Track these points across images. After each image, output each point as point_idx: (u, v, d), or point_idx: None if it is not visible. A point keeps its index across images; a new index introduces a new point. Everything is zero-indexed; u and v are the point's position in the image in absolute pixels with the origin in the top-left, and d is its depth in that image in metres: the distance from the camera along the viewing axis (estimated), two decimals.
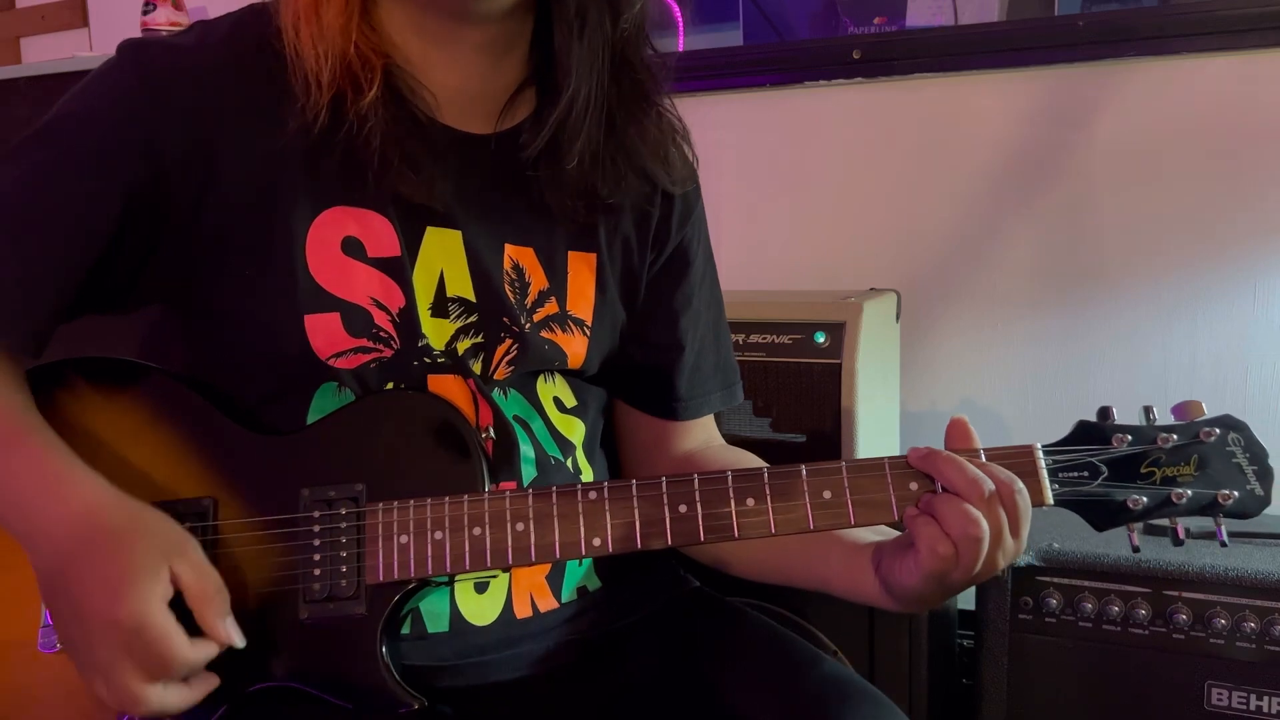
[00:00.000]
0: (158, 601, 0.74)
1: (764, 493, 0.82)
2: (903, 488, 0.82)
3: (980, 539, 0.78)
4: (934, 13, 1.88)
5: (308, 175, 0.87)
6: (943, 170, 1.84)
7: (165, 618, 0.74)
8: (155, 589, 0.74)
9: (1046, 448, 0.83)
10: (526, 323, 0.94)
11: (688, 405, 1.07)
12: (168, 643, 0.74)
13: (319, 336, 0.87)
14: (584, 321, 0.98)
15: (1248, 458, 0.82)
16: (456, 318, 0.92)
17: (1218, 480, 0.82)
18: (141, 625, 0.73)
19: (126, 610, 0.73)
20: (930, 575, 0.80)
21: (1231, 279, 1.68)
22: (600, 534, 0.83)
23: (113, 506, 0.79)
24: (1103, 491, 0.82)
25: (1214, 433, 0.82)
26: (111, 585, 0.74)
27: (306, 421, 0.89)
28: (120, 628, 0.73)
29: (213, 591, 0.78)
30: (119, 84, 0.86)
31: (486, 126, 0.94)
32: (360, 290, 0.88)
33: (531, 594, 0.96)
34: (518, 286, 0.94)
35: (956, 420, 0.84)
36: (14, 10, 2.66)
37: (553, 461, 0.96)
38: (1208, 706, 1.30)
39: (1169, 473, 0.82)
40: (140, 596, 0.73)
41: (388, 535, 0.83)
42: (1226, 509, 0.82)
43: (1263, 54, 1.62)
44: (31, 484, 0.79)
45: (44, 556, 0.78)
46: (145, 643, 0.73)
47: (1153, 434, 0.83)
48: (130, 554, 0.75)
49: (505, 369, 0.94)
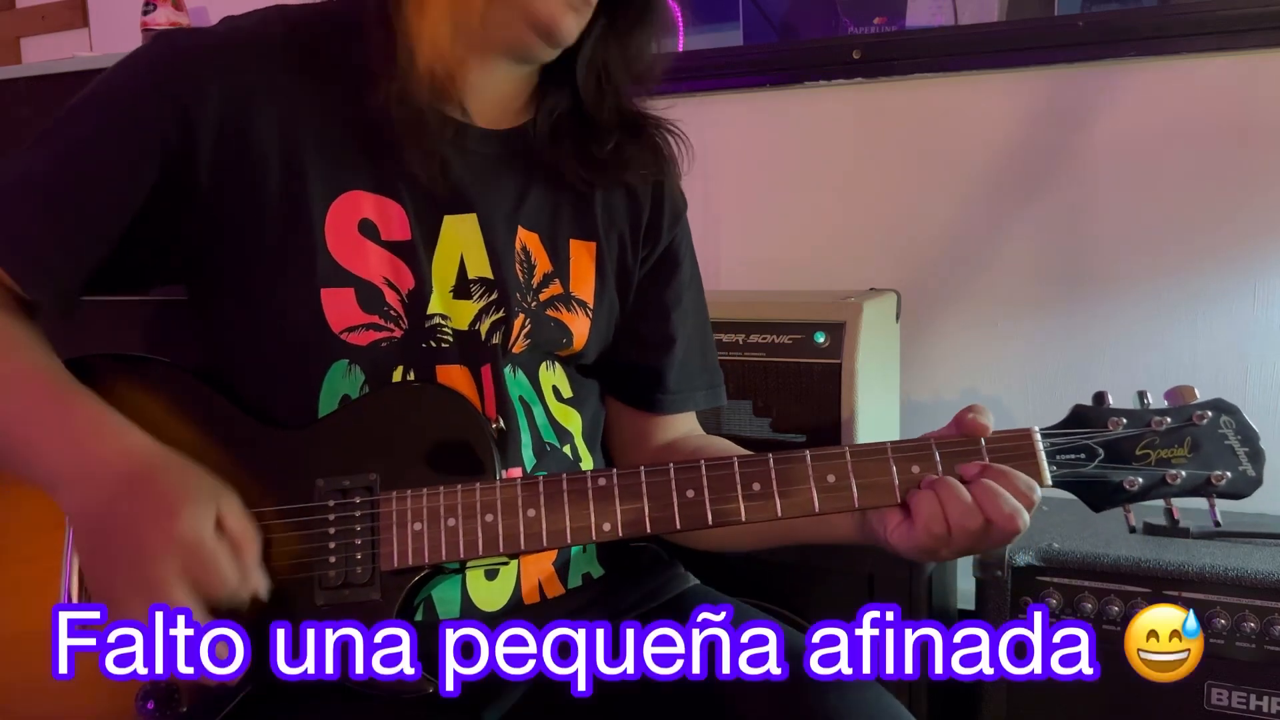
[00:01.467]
0: (210, 525, 0.79)
1: (770, 478, 0.84)
2: (906, 471, 0.84)
3: (976, 531, 0.80)
4: (934, 13, 1.88)
5: (333, 160, 0.91)
6: (943, 170, 1.84)
7: (218, 540, 0.79)
8: (208, 514, 0.79)
9: (1044, 431, 0.85)
10: (534, 301, 0.99)
11: (674, 399, 1.10)
12: (218, 562, 0.78)
13: (333, 310, 0.90)
14: (586, 303, 1.02)
15: (1239, 440, 0.84)
16: (479, 297, 0.96)
17: (1210, 462, 0.84)
18: (198, 541, 0.77)
19: (184, 526, 0.77)
20: (920, 548, 0.83)
21: (1231, 279, 1.68)
22: (610, 519, 0.84)
23: (161, 449, 0.83)
24: (1099, 473, 0.84)
25: (1206, 415, 0.84)
26: (169, 506, 0.78)
27: (318, 404, 0.91)
28: (177, 540, 0.77)
29: (252, 537, 0.82)
30: (151, 61, 0.90)
31: (503, 123, 1.00)
32: (374, 269, 0.92)
33: (540, 581, 0.98)
34: (525, 267, 0.99)
35: (969, 420, 0.85)
36: (14, 10, 2.67)
37: (548, 448, 0.99)
38: (1208, 706, 1.30)
39: (1163, 455, 0.84)
40: (197, 515, 0.78)
41: (401, 523, 0.85)
42: (1219, 489, 0.84)
43: (1263, 54, 1.62)
44: (80, 425, 0.83)
45: (93, 491, 0.80)
46: (200, 558, 0.77)
47: (1147, 417, 0.85)
48: (184, 485, 0.80)
49: (523, 342, 0.97)
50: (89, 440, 0.82)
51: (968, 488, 0.81)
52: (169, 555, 0.77)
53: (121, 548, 0.78)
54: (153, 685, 0.84)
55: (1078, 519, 1.48)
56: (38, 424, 0.83)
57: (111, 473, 0.80)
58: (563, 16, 0.91)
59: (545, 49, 0.94)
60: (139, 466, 0.81)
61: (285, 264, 0.90)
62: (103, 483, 0.80)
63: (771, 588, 1.46)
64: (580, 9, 0.93)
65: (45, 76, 1.84)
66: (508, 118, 1.00)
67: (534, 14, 0.90)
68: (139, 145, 0.87)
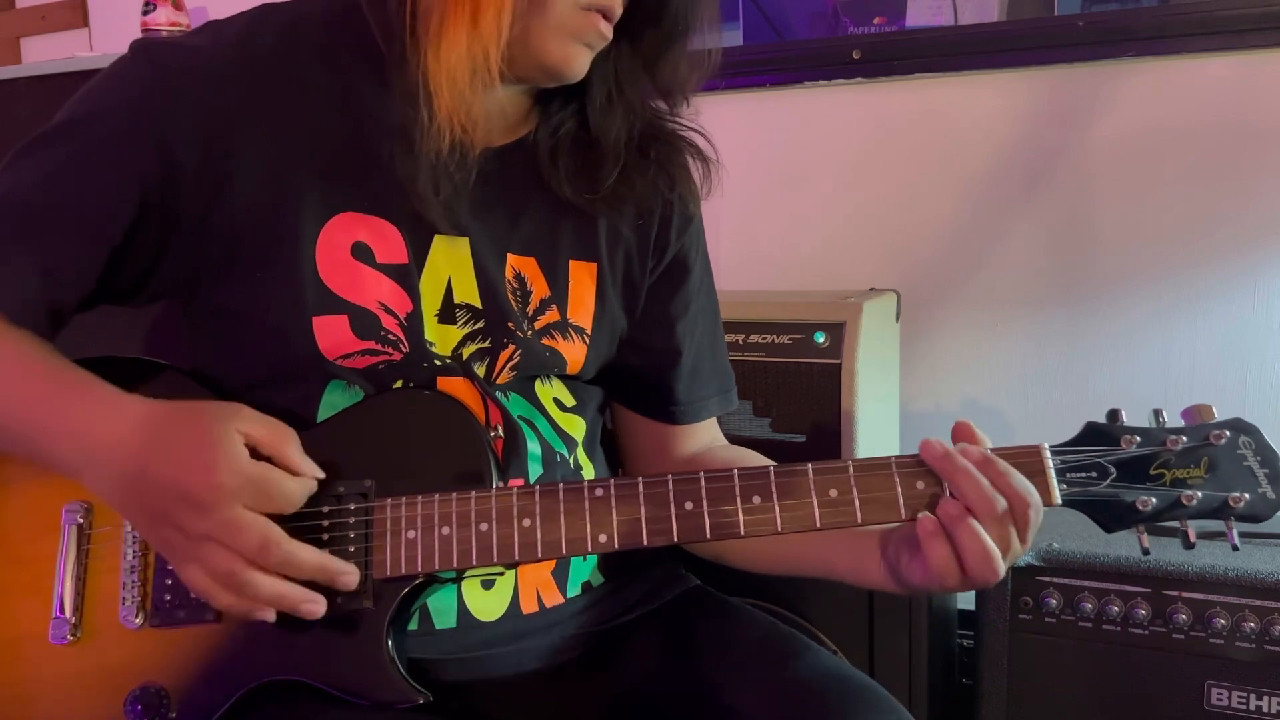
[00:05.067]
0: (245, 455, 0.78)
1: (770, 491, 0.82)
2: (910, 487, 0.81)
3: (991, 562, 0.78)
4: (934, 13, 1.87)
5: (324, 182, 0.88)
6: (943, 170, 1.84)
7: (260, 465, 0.78)
8: (237, 446, 0.77)
9: (1054, 448, 0.82)
10: (529, 329, 0.95)
11: (686, 409, 1.08)
12: (273, 482, 0.78)
13: (326, 338, 0.87)
14: (584, 329, 0.99)
15: (1259, 461, 0.81)
16: (464, 324, 0.93)
17: (1228, 483, 0.81)
18: (246, 476, 0.76)
19: (224, 471, 0.76)
20: (934, 585, 0.81)
21: (1231, 279, 1.68)
22: (606, 530, 0.83)
23: (164, 406, 0.81)
24: (1111, 492, 0.82)
25: (1224, 435, 0.81)
26: (201, 459, 0.76)
27: (316, 417, 0.90)
28: (225, 489, 0.76)
29: (285, 434, 0.81)
30: (132, 80, 0.86)
31: (501, 137, 0.95)
32: (369, 294, 0.89)
33: (538, 589, 0.96)
34: (519, 295, 0.96)
35: (961, 424, 0.84)
36: (14, 10, 2.66)
37: (558, 458, 0.97)
38: (1208, 706, 1.30)
39: (1179, 475, 0.81)
40: (231, 455, 0.77)
41: (395, 530, 0.83)
42: (1237, 512, 0.81)
43: (1263, 54, 1.62)
44: (83, 407, 0.81)
45: (117, 468, 0.79)
46: (255, 487, 0.77)
47: (1162, 436, 0.82)
48: (200, 430, 0.78)
49: (508, 374, 0.95)
50: (93, 422, 0.80)
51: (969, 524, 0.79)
52: (226, 499, 0.75)
53: (177, 507, 0.76)
54: (141, 690, 0.84)
55: (1078, 519, 1.47)
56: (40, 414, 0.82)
57: (129, 448, 0.78)
58: (575, 58, 0.88)
59: (560, 82, 0.90)
60: (152, 429, 0.79)
61: (275, 292, 0.87)
62: (126, 459, 0.78)
63: (771, 587, 1.45)
64: (596, 43, 0.88)
65: (45, 76, 1.84)
66: (507, 132, 0.96)
67: (547, 58, 0.87)
68: (118, 176, 0.84)
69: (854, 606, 1.43)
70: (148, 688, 0.84)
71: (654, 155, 0.99)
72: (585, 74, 0.90)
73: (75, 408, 0.81)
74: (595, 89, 0.95)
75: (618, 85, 0.95)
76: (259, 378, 0.91)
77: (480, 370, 0.93)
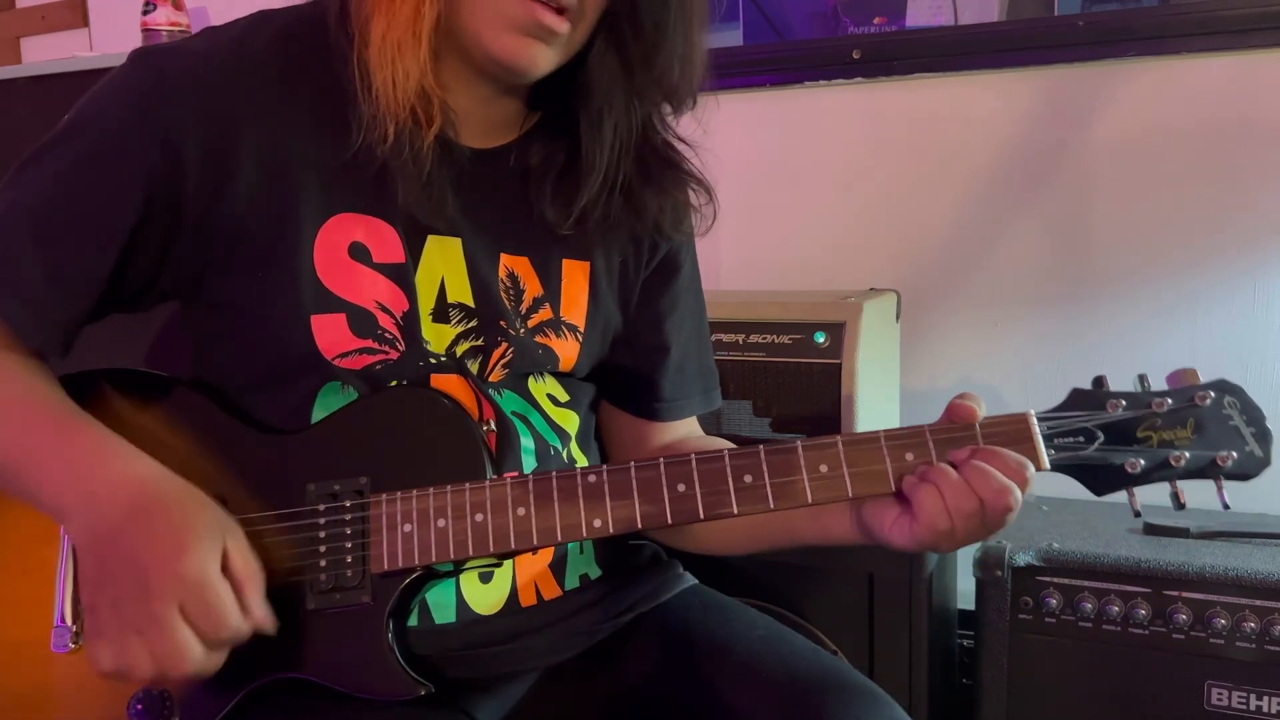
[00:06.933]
0: (217, 565, 0.77)
1: (761, 469, 0.83)
2: (899, 459, 0.82)
3: (973, 514, 0.78)
4: (934, 13, 1.87)
5: (321, 181, 0.88)
6: (943, 170, 1.84)
7: (223, 581, 0.77)
8: (215, 554, 0.77)
9: (1041, 414, 0.83)
10: (521, 328, 0.96)
11: (669, 406, 1.09)
12: (223, 603, 0.76)
13: (324, 336, 0.88)
14: (577, 327, 1.00)
15: (1245, 419, 0.82)
16: (457, 323, 0.94)
17: (1215, 443, 0.81)
18: (204, 581, 0.76)
19: (191, 565, 0.75)
20: (922, 543, 0.81)
21: (1231, 279, 1.68)
22: (600, 515, 0.83)
23: (170, 479, 0.81)
24: (1100, 456, 0.82)
25: (1209, 396, 0.82)
26: (177, 542, 0.76)
27: (311, 418, 0.90)
28: (182, 580, 0.75)
29: (256, 575, 0.80)
30: (133, 85, 0.87)
31: (489, 141, 0.96)
32: (366, 294, 0.89)
33: (536, 582, 0.97)
34: (513, 294, 0.96)
35: (957, 404, 0.84)
36: (14, 10, 2.67)
37: (552, 451, 0.98)
38: (1208, 706, 1.30)
39: (1166, 436, 0.82)
40: (204, 554, 0.76)
41: (391, 525, 0.84)
42: (1226, 470, 0.81)
43: (1263, 54, 1.62)
44: (87, 452, 0.81)
45: (98, 517, 0.78)
46: (204, 600, 0.76)
47: (1148, 399, 0.82)
48: (193, 520, 0.78)
49: (500, 371, 0.95)
50: (94, 469, 0.80)
51: (959, 470, 0.79)
52: (171, 594, 0.75)
53: (124, 581, 0.76)
54: (144, 693, 0.85)
55: (1078, 519, 1.48)
56: (40, 453, 0.82)
57: (117, 503, 0.78)
58: (521, 51, 0.85)
59: (517, 78, 0.89)
60: (146, 497, 0.79)
61: (274, 291, 0.88)
62: (109, 513, 0.78)
63: (771, 587, 1.46)
64: (546, 37, 0.85)
65: (45, 76, 1.85)
66: (497, 134, 0.96)
67: (490, 48, 0.85)
68: (123, 182, 0.84)
69: (854, 606, 1.43)
70: (150, 691, 0.85)
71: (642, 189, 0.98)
72: (549, 69, 0.88)
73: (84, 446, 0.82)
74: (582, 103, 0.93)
75: (608, 101, 0.93)
76: (258, 379, 0.91)
77: (474, 368, 0.94)
